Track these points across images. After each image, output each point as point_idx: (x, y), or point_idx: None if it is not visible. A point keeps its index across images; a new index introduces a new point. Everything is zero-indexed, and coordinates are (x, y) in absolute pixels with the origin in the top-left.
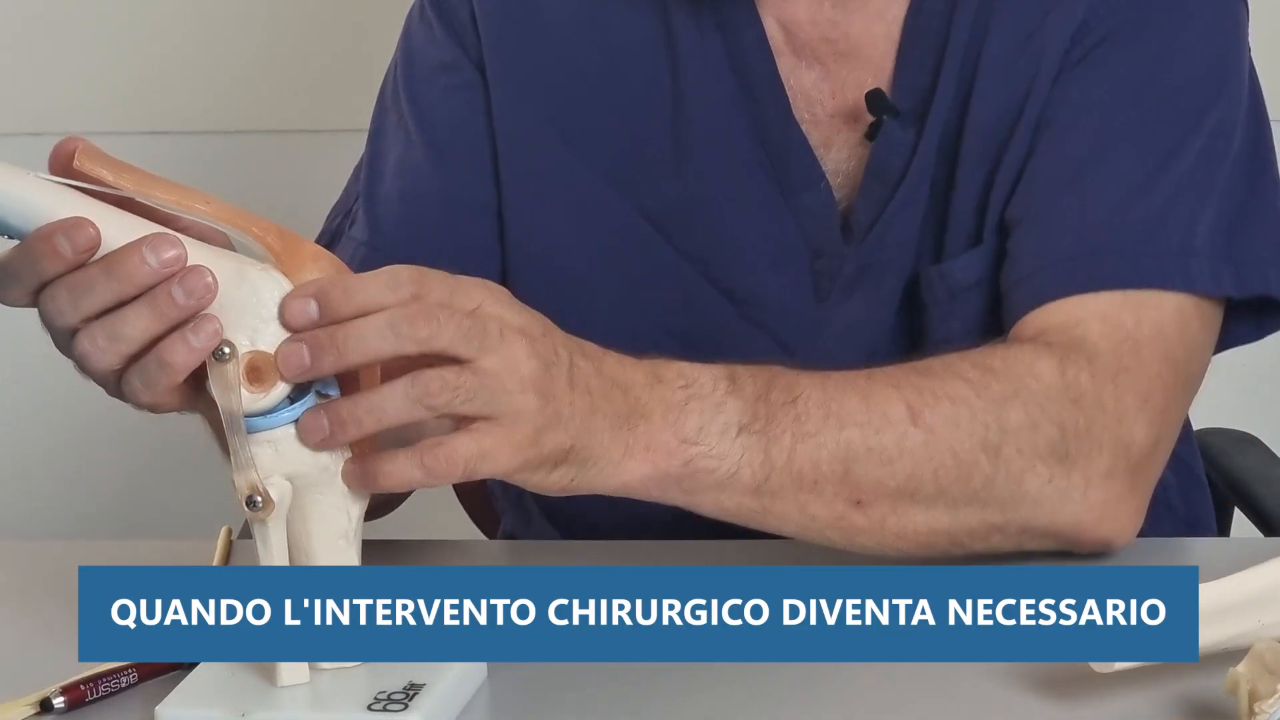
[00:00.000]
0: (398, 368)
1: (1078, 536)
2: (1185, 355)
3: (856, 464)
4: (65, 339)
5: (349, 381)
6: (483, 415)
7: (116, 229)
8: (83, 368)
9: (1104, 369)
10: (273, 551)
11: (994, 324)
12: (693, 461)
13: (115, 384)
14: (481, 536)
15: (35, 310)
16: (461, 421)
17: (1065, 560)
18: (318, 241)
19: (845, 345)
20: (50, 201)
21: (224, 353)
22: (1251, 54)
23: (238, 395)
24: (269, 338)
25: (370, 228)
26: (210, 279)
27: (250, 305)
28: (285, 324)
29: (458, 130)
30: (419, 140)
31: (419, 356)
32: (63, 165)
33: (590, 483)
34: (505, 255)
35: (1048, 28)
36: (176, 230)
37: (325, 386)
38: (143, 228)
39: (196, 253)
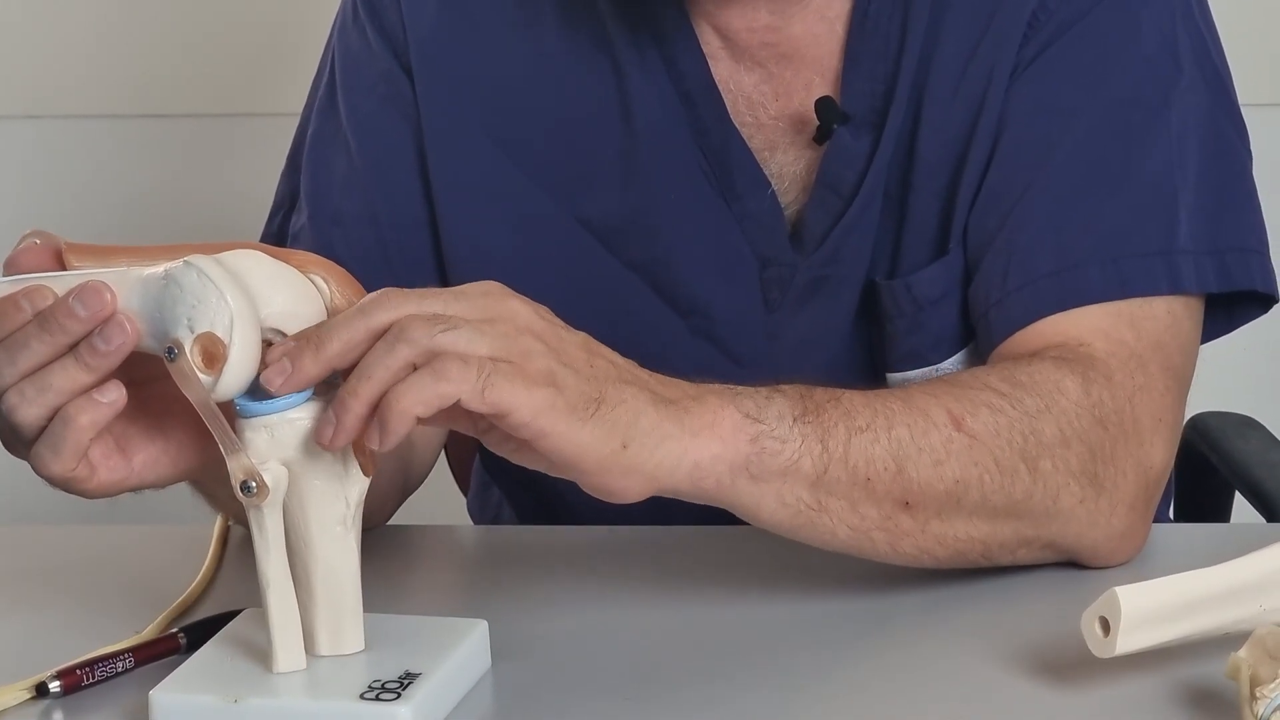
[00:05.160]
0: None
1: (1091, 560)
2: (1182, 360)
3: (909, 463)
4: None
5: None
6: (484, 355)
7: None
8: (7, 421)
9: (1121, 389)
10: (268, 538)
11: (962, 335)
12: (759, 439)
13: (28, 445)
14: (469, 521)
15: None
16: None
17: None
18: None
19: (799, 358)
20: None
21: (173, 352)
22: (1215, 27)
23: (200, 384)
24: (204, 318)
25: (320, 248)
26: (128, 325)
27: (175, 297)
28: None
29: (395, 146)
30: (359, 159)
31: None
32: (27, 264)
33: (654, 459)
34: (444, 268)
35: (999, 24)
36: None
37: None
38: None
39: (124, 288)
